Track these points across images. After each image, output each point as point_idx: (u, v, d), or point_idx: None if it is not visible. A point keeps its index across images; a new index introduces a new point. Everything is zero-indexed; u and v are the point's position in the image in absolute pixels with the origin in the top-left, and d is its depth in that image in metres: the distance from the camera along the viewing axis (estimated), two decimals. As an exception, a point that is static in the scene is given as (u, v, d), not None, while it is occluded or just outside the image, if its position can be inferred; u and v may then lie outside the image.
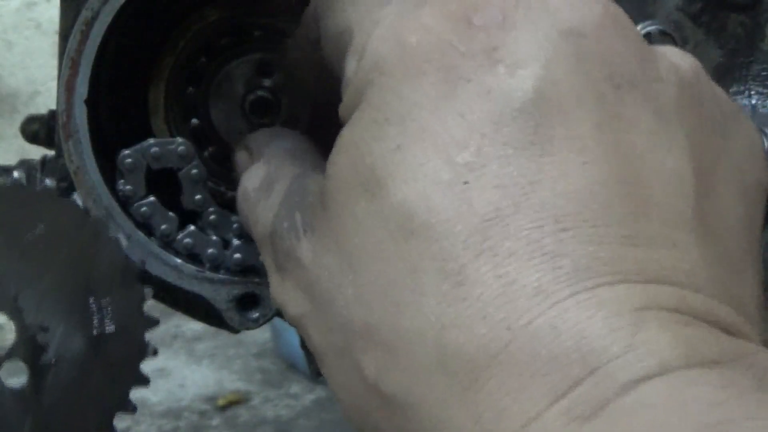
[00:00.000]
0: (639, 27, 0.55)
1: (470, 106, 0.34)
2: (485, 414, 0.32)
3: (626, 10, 0.55)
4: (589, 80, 0.35)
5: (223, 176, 0.58)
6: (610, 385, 0.30)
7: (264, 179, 0.45)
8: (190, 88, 0.57)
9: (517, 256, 0.32)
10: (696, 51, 0.56)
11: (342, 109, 0.39)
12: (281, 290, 0.41)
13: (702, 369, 0.31)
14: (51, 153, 0.57)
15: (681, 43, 0.55)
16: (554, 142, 0.34)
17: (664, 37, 0.55)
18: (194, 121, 0.57)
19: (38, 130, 0.68)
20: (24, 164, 0.58)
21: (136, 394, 0.51)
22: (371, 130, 0.36)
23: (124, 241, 0.51)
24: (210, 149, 0.58)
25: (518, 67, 0.35)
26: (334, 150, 0.38)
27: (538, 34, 0.35)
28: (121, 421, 0.53)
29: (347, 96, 0.38)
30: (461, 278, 0.33)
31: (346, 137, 0.37)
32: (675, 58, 0.39)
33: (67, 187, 0.55)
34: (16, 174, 0.56)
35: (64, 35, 0.53)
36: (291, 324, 0.41)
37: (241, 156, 0.50)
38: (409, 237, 0.34)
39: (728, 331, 0.34)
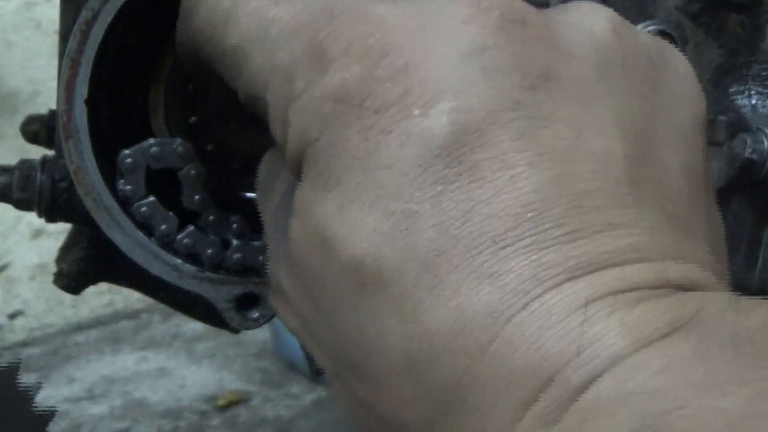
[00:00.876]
0: (639, 27, 0.55)
1: (395, 155, 0.36)
2: None
3: (626, 10, 0.55)
4: (501, 93, 0.35)
5: (223, 176, 0.58)
6: (566, 389, 0.32)
7: (268, 174, 0.46)
8: (190, 86, 0.57)
9: (465, 284, 0.34)
10: (696, 51, 0.56)
11: (288, 168, 0.40)
12: (276, 303, 0.44)
13: (648, 350, 0.32)
14: (51, 153, 0.57)
15: (681, 42, 0.55)
16: (479, 167, 0.35)
17: (664, 37, 0.55)
18: (193, 119, 0.57)
19: (38, 130, 0.68)
20: (24, 164, 0.58)
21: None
22: (313, 196, 0.38)
23: (37, 391, 0.50)
24: (209, 147, 0.58)
25: (430, 106, 0.36)
26: (293, 212, 0.40)
27: (442, 65, 0.36)
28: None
29: (288, 163, 0.40)
30: (417, 316, 0.35)
31: (296, 202, 0.39)
32: (587, 21, 0.38)
33: (67, 187, 0.55)
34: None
35: (64, 35, 0.53)
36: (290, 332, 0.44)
37: None
38: (363, 288, 0.36)
39: (684, 286, 0.35)
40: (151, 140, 0.52)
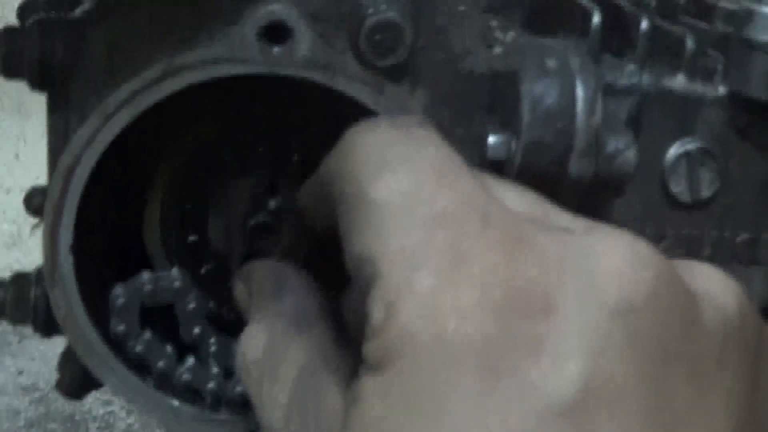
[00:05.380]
0: (677, 144, 0.50)
1: (512, 404, 0.32)
2: None
3: (664, 126, 0.50)
4: (638, 363, 0.32)
5: (224, 297, 0.55)
6: None
7: (266, 352, 0.42)
8: (188, 205, 0.53)
9: None
10: (741, 166, 0.51)
11: (365, 352, 0.35)
12: None
13: None
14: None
15: (723, 160, 0.50)
16: None
17: (704, 156, 0.50)
18: (192, 238, 0.54)
19: (42, 204, 0.65)
20: (18, 278, 0.55)
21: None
22: (403, 414, 0.33)
23: None
24: (207, 267, 0.54)
25: (564, 359, 0.32)
26: (354, 419, 0.35)
27: (585, 319, 0.32)
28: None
29: (372, 346, 0.35)
30: None
31: (370, 411, 0.34)
32: (719, 293, 0.36)
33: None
34: None
35: (53, 149, 0.49)
36: None
37: (239, 293, 0.47)
38: None
39: None
40: (145, 276, 0.49)
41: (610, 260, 0.34)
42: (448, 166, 0.37)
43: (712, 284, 0.36)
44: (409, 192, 0.36)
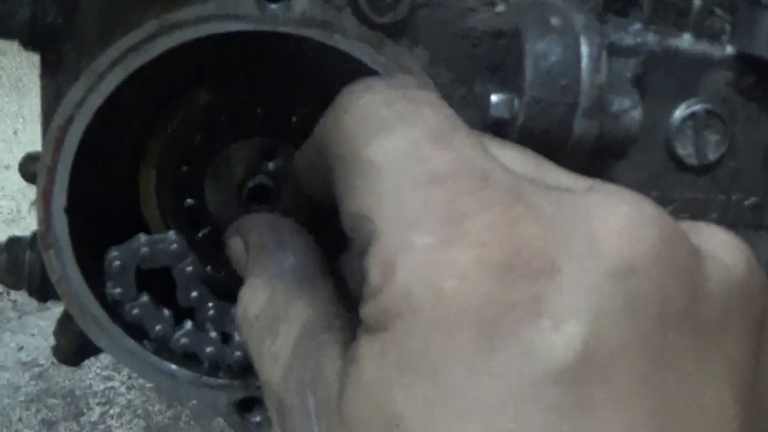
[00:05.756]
0: (684, 105, 0.49)
1: (510, 365, 0.31)
2: None
3: (667, 88, 0.49)
4: (637, 326, 0.32)
5: (221, 262, 0.54)
6: None
7: (268, 308, 0.41)
8: (184, 168, 0.52)
9: None
10: (747, 127, 0.50)
11: (363, 313, 0.35)
12: None
13: None
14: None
15: (730, 122, 0.49)
16: (597, 405, 0.31)
17: (710, 117, 0.49)
18: (189, 201, 0.53)
19: (36, 170, 0.64)
20: (13, 244, 0.54)
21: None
22: (398, 375, 0.32)
23: None
24: (205, 231, 0.53)
25: (563, 321, 0.31)
26: (351, 379, 0.34)
27: (585, 280, 0.31)
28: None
29: (370, 308, 0.34)
30: None
31: (367, 372, 0.33)
32: (726, 254, 0.34)
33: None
34: None
35: (46, 112, 0.48)
36: None
37: (234, 244, 0.46)
38: None
39: None
40: (142, 238, 0.48)
41: (611, 219, 0.33)
42: (445, 127, 0.36)
43: (719, 244, 0.35)
44: (406, 152, 0.35)
